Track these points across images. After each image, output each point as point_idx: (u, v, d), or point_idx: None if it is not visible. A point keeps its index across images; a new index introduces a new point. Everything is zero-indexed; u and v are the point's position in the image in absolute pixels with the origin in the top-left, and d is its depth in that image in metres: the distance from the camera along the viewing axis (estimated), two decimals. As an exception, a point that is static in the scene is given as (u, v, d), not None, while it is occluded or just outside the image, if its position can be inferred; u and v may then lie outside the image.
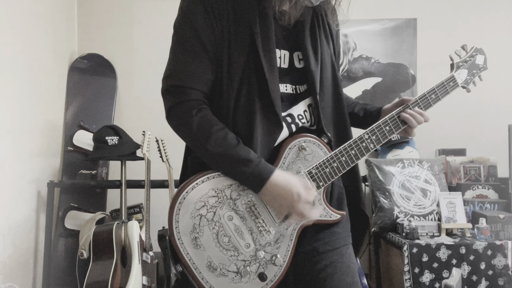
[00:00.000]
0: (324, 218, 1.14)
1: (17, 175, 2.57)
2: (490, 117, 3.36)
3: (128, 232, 2.43)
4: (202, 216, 1.06)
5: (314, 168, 1.13)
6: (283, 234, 1.10)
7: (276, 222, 1.10)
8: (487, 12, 3.40)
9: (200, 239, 1.05)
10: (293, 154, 1.12)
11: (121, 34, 3.37)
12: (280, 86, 1.15)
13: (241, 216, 1.07)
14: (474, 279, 2.37)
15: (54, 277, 2.85)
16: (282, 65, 1.17)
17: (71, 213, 2.98)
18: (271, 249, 1.09)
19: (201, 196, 1.06)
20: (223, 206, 1.07)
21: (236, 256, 1.06)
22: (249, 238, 1.07)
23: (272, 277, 1.08)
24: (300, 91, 1.20)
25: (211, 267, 1.05)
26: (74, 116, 3.17)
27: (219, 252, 1.06)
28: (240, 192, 1.08)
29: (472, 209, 2.69)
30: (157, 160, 2.72)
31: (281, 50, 1.17)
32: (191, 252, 1.05)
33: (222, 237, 1.06)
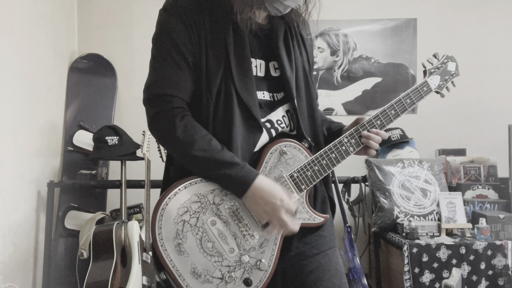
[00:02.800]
0: (308, 222, 1.15)
1: (17, 175, 2.57)
2: (490, 117, 3.36)
3: (128, 232, 2.43)
4: (185, 221, 1.05)
5: (296, 171, 1.14)
6: (267, 238, 1.10)
7: (260, 226, 1.10)
8: (487, 12, 3.40)
9: (184, 245, 1.05)
10: (275, 159, 1.14)
11: (121, 34, 3.37)
12: (258, 93, 1.18)
13: (224, 221, 1.07)
14: (474, 279, 2.37)
15: (54, 277, 2.85)
16: (259, 74, 1.20)
17: (71, 213, 2.98)
18: (256, 253, 1.08)
19: (184, 201, 1.06)
20: (206, 211, 1.06)
21: (221, 261, 1.06)
22: (233, 243, 1.07)
23: (258, 282, 1.07)
24: (278, 98, 1.23)
25: (195, 273, 1.05)
26: (74, 116, 3.17)
27: (203, 258, 1.05)
28: (223, 197, 1.08)
29: (472, 209, 2.69)
30: (157, 160, 2.72)
31: (256, 60, 1.20)
32: (175, 259, 1.04)
33: (206, 243, 1.05)
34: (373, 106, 3.35)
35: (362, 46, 3.42)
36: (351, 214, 2.92)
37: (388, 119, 1.24)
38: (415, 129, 3.29)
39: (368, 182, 2.86)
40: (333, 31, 3.42)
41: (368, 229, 3.06)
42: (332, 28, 3.42)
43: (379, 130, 1.23)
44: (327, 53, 3.42)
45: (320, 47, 3.42)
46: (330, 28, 3.42)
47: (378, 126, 1.22)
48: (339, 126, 1.35)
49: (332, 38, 3.42)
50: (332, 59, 3.42)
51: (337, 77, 3.41)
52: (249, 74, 1.15)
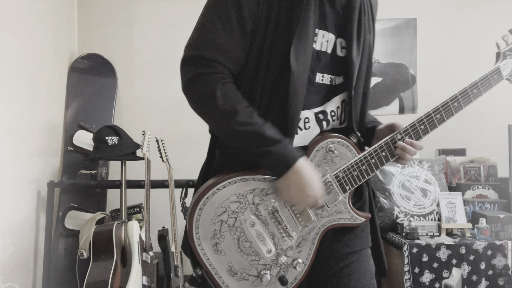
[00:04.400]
0: (349, 222, 1.10)
1: (17, 175, 2.57)
2: (490, 117, 3.36)
3: (128, 232, 2.43)
4: (223, 221, 1.04)
5: (342, 171, 1.07)
6: (305, 238, 1.07)
7: (300, 226, 1.06)
8: (487, 12, 3.40)
9: (221, 244, 1.04)
10: (320, 157, 1.07)
11: (121, 34, 3.37)
12: (317, 75, 1.07)
13: (263, 221, 1.05)
14: (474, 279, 2.37)
15: (54, 277, 2.85)
16: (326, 49, 1.08)
17: (71, 213, 2.98)
18: (293, 253, 1.06)
19: (223, 201, 1.04)
20: (245, 212, 1.04)
21: (257, 260, 1.05)
22: (271, 243, 1.05)
23: (293, 280, 1.07)
24: (336, 83, 1.11)
25: (232, 271, 1.05)
26: (74, 116, 3.17)
27: (240, 257, 1.05)
28: (263, 197, 1.04)
29: (472, 209, 2.69)
30: (157, 160, 2.72)
31: (329, 33, 1.07)
32: (212, 258, 1.05)
33: (244, 243, 1.04)
34: (373, 106, 3.35)
35: (362, 46, 3.41)
36: (351, 214, 2.91)
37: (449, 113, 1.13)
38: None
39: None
40: (333, 31, 3.41)
41: (368, 229, 3.06)
42: (332, 28, 3.41)
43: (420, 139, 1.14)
44: (327, 53, 3.42)
45: (320, 47, 3.41)
46: (330, 28, 3.41)
47: (422, 132, 1.15)
48: (373, 122, 1.25)
49: (332, 38, 3.42)
50: (332, 59, 3.41)
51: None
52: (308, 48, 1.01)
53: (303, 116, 1.07)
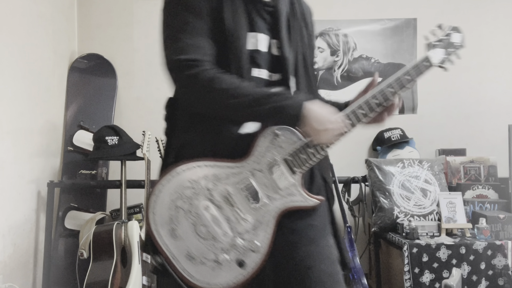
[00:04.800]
0: (301, 204, 1.12)
1: (17, 175, 2.57)
2: (490, 117, 3.36)
3: (128, 232, 2.43)
4: (178, 207, 1.07)
5: (289, 154, 1.11)
6: (261, 221, 1.09)
7: (253, 209, 1.09)
8: (487, 12, 3.40)
9: (178, 230, 1.07)
10: (267, 142, 1.11)
11: (121, 34, 3.37)
12: (254, 70, 1.16)
13: (218, 206, 1.08)
14: (474, 279, 2.37)
15: (54, 277, 2.85)
16: (262, 49, 1.18)
17: (71, 213, 2.98)
18: (250, 236, 1.08)
19: (177, 187, 1.07)
20: (199, 197, 1.07)
21: (214, 245, 1.07)
22: (226, 226, 1.07)
23: (251, 263, 1.08)
24: (273, 79, 1.20)
25: (190, 256, 1.07)
26: (74, 116, 3.17)
27: (197, 242, 1.07)
28: (215, 183, 1.08)
29: (472, 209, 2.69)
30: (157, 160, 2.70)
31: (261, 34, 1.18)
32: (169, 244, 1.07)
33: (200, 227, 1.07)
34: (373, 106, 3.35)
35: (362, 46, 3.42)
36: (351, 214, 2.92)
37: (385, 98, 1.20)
38: (415, 129, 3.29)
39: (368, 182, 2.86)
40: (333, 31, 3.42)
41: (368, 229, 3.06)
42: (332, 28, 3.42)
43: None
44: (327, 53, 3.42)
45: (320, 47, 3.42)
46: (330, 28, 3.42)
47: (363, 116, 1.16)
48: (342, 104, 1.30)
49: (332, 38, 3.42)
50: (332, 59, 3.42)
51: (337, 77, 3.41)
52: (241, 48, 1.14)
53: None
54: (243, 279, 1.07)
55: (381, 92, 1.18)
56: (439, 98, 3.38)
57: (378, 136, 3.27)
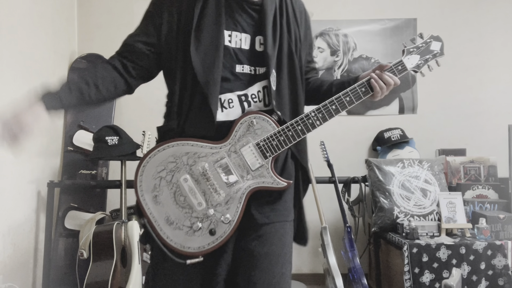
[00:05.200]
0: (271, 185, 1.25)
1: (17, 175, 2.57)
2: (490, 117, 3.37)
3: (128, 232, 2.43)
4: (162, 178, 1.22)
5: (262, 140, 1.25)
6: (233, 197, 1.23)
7: (227, 185, 1.23)
8: (487, 12, 3.40)
9: (160, 197, 1.22)
10: (244, 129, 1.25)
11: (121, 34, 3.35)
12: (237, 66, 1.29)
13: (196, 179, 1.22)
14: (474, 279, 2.37)
15: (54, 277, 2.85)
16: (243, 46, 1.30)
17: (71, 213, 2.99)
18: (222, 209, 1.22)
19: (162, 161, 1.23)
20: (180, 171, 1.22)
21: (190, 213, 1.21)
22: (202, 198, 1.22)
23: (222, 233, 1.21)
24: (259, 72, 1.31)
25: (169, 221, 1.21)
26: (74, 116, 3.17)
27: (176, 209, 1.21)
28: (195, 159, 1.23)
29: (472, 209, 2.69)
30: (157, 160, 2.72)
31: (241, 33, 1.30)
32: (152, 208, 1.22)
33: (179, 197, 1.21)
34: (374, 106, 3.35)
35: (362, 46, 3.42)
36: (351, 214, 2.92)
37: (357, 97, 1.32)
38: (415, 129, 3.29)
39: (368, 182, 2.86)
40: (333, 31, 3.42)
41: (368, 229, 3.06)
42: (332, 28, 3.42)
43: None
44: (327, 53, 3.42)
45: (320, 47, 3.42)
46: (330, 28, 3.42)
47: (333, 111, 1.29)
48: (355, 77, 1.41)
49: (332, 38, 3.42)
50: (332, 59, 3.42)
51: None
52: (214, 48, 1.25)
53: (227, 98, 1.27)
54: (212, 245, 1.21)
55: (352, 90, 1.32)
56: (439, 98, 3.38)
57: (378, 136, 3.27)
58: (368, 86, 1.32)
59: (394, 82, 1.35)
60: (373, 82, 1.32)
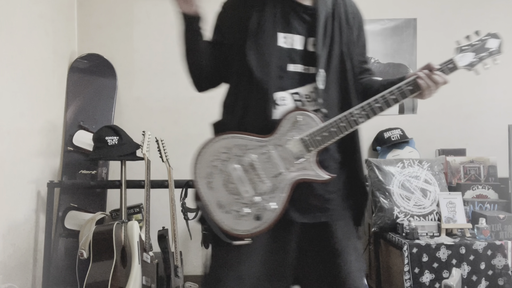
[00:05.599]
0: (314, 178, 1.33)
1: (17, 175, 2.57)
2: (490, 117, 3.37)
3: (128, 232, 2.43)
4: (215, 166, 1.34)
5: (306, 135, 1.32)
6: (278, 186, 1.32)
7: (272, 176, 1.32)
8: (487, 12, 3.40)
9: (213, 183, 1.34)
10: (290, 124, 1.33)
11: (121, 34, 3.37)
12: (290, 65, 1.38)
13: (244, 169, 1.33)
14: (474, 279, 2.37)
15: (54, 277, 2.85)
16: (296, 47, 1.39)
17: (71, 213, 2.99)
18: (267, 197, 1.32)
19: (216, 151, 1.34)
20: (231, 161, 1.33)
21: (239, 199, 1.32)
22: (249, 186, 1.32)
23: (266, 219, 1.31)
24: (311, 72, 1.39)
25: (220, 205, 1.33)
26: (74, 116, 3.17)
27: (226, 194, 1.33)
28: (245, 151, 1.33)
29: (472, 209, 2.69)
30: (157, 160, 2.72)
31: (295, 34, 1.39)
32: (205, 192, 1.34)
33: (229, 184, 1.33)
34: (373, 106, 3.35)
35: (362, 46, 3.41)
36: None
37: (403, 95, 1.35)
38: (415, 129, 3.29)
39: (368, 182, 2.86)
40: (333, 31, 3.41)
41: (368, 229, 3.06)
42: (332, 28, 3.41)
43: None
44: (327, 53, 3.42)
45: (320, 47, 3.42)
46: (330, 28, 3.41)
47: (377, 109, 1.33)
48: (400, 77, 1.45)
49: (332, 38, 3.42)
50: (332, 59, 3.41)
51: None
52: (269, 48, 1.35)
53: (280, 96, 1.36)
54: (257, 230, 1.31)
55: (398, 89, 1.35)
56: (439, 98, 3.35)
57: (378, 136, 3.27)
58: (416, 85, 1.35)
59: (444, 80, 1.38)
60: (419, 80, 1.35)
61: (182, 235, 2.92)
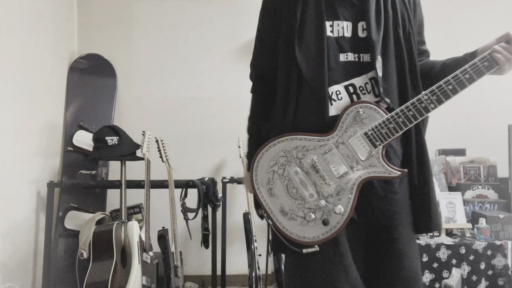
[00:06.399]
0: (383, 175, 1.22)
1: (17, 175, 2.57)
2: (490, 117, 3.36)
3: (128, 232, 2.43)
4: (274, 171, 1.28)
5: (370, 129, 1.22)
6: (343, 187, 1.23)
7: (337, 177, 1.23)
8: (487, 12, 3.40)
9: (274, 189, 1.28)
10: (350, 119, 1.24)
11: (121, 34, 3.37)
12: (341, 55, 1.27)
13: (306, 172, 1.25)
14: (474, 279, 2.37)
15: (54, 277, 2.85)
16: (345, 34, 1.28)
17: (71, 213, 2.98)
18: (333, 200, 1.23)
19: (274, 156, 1.28)
20: (291, 164, 1.26)
21: (303, 204, 1.25)
22: (313, 190, 1.24)
23: (335, 224, 1.22)
24: (364, 60, 1.28)
25: (283, 211, 1.26)
26: (74, 116, 3.17)
27: (289, 200, 1.26)
28: (304, 153, 1.26)
29: (472, 209, 2.69)
30: (157, 160, 2.72)
31: (343, 21, 1.29)
32: (267, 200, 1.28)
33: (291, 189, 1.26)
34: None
35: (362, 46, 3.41)
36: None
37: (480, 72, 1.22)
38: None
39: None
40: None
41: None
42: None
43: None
44: (327, 53, 3.41)
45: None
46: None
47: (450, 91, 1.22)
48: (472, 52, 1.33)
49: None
50: (332, 59, 3.41)
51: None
52: (317, 40, 1.25)
53: (334, 90, 1.26)
54: (327, 235, 1.22)
55: (472, 66, 1.22)
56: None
57: (378, 136, 3.27)
58: (493, 60, 1.20)
59: None
60: (496, 54, 1.20)
61: (182, 235, 2.92)
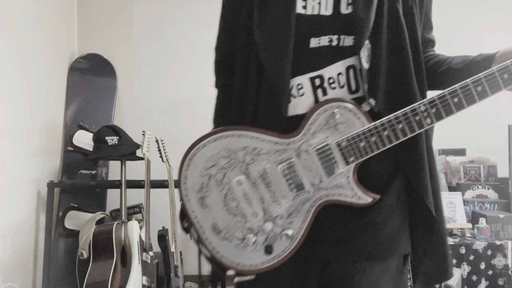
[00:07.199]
0: (350, 200, 0.95)
1: (17, 175, 2.57)
2: (490, 117, 3.36)
3: (128, 232, 2.43)
4: (211, 176, 0.98)
5: (345, 140, 0.92)
6: (298, 209, 0.96)
7: (292, 194, 0.96)
8: (487, 12, 3.40)
9: (207, 199, 0.99)
10: (322, 121, 0.94)
11: (121, 34, 3.37)
12: (312, 40, 0.96)
13: (253, 182, 0.96)
14: (474, 279, 2.37)
15: (54, 277, 2.85)
16: (323, 12, 0.96)
17: (71, 213, 2.98)
18: (283, 222, 0.96)
19: (212, 155, 0.98)
20: (234, 169, 0.97)
21: (243, 223, 0.97)
22: (259, 207, 0.96)
23: (280, 252, 0.96)
24: (343, 43, 0.96)
25: (216, 229, 0.99)
26: (74, 116, 3.17)
27: (226, 215, 0.98)
28: (254, 157, 0.96)
29: (472, 209, 2.69)
30: (157, 160, 2.72)
31: None
32: (197, 211, 1.00)
33: (230, 201, 0.98)
34: (373, 106, 3.35)
35: (362, 46, 3.41)
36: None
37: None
38: (415, 129, 3.29)
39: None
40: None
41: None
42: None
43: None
44: (327, 53, 3.40)
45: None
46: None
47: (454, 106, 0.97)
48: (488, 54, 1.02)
49: (332, 38, 3.41)
50: (332, 59, 3.40)
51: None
52: (283, 18, 0.95)
53: (295, 83, 0.97)
54: (267, 265, 0.97)
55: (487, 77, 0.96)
56: (439, 98, 3.38)
57: (378, 136, 3.27)
58: None
59: None
60: None
61: (182, 235, 2.92)
